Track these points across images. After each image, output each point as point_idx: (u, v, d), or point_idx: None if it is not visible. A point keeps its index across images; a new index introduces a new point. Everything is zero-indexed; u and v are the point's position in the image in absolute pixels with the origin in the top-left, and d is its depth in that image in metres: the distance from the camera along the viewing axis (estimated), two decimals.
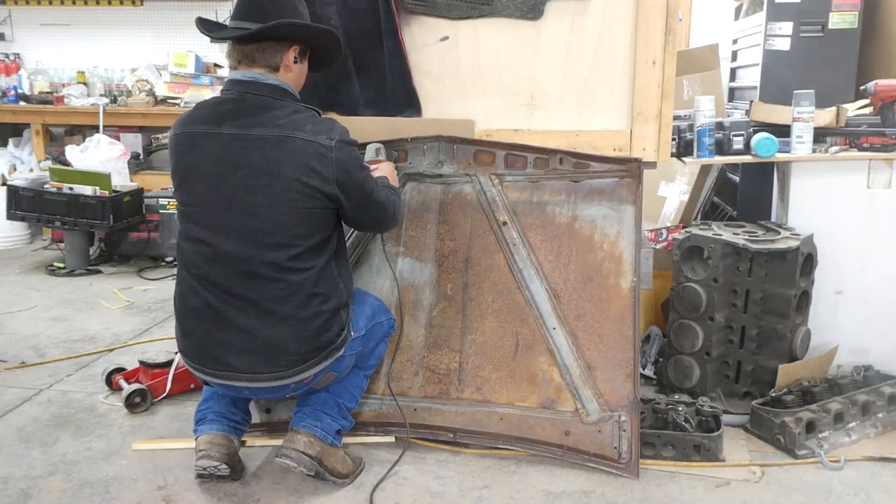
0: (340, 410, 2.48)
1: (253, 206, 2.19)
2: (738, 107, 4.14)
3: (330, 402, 2.45)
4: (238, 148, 2.19)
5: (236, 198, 2.20)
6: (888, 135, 3.07)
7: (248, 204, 2.19)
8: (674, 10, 2.70)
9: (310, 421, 2.41)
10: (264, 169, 2.18)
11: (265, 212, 2.19)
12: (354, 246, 2.83)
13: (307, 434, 2.38)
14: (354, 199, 2.29)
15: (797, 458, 2.62)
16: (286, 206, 2.19)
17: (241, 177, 2.19)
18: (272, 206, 2.19)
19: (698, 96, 3.08)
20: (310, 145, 2.19)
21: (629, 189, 2.69)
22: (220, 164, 2.21)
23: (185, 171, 2.28)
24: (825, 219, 3.07)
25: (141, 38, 6.69)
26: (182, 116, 2.34)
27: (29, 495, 2.41)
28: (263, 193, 2.18)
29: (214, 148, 2.22)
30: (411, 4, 2.80)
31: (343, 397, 2.49)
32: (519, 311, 2.71)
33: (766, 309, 2.90)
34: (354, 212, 2.32)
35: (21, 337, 3.83)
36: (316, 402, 2.45)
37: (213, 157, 2.22)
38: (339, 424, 2.47)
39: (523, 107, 2.86)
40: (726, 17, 5.05)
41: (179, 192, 2.30)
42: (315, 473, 2.39)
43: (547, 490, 2.45)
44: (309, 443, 2.37)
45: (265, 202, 2.19)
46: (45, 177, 5.16)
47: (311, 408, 2.44)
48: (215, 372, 2.29)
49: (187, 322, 2.31)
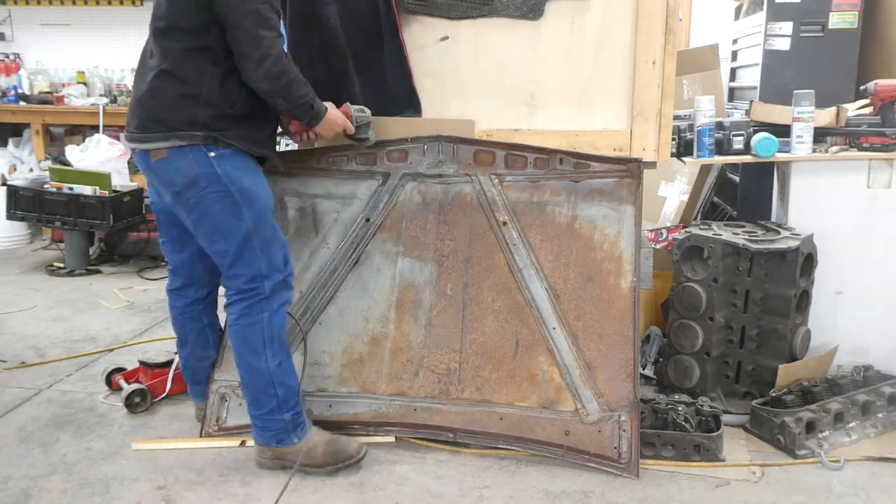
0: (262, 417, 2.49)
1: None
2: (738, 107, 4.14)
3: (252, 416, 2.52)
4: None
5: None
6: (888, 135, 3.07)
7: None
8: (674, 10, 2.70)
9: (254, 433, 2.55)
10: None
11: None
12: (354, 246, 2.83)
13: (257, 444, 2.56)
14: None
15: (797, 458, 2.62)
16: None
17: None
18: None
19: (698, 96, 3.08)
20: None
21: (629, 189, 2.69)
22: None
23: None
24: (825, 219, 3.07)
25: (141, 37, 6.60)
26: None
27: (29, 495, 2.41)
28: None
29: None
30: (411, 4, 2.80)
31: (250, 408, 2.51)
32: (519, 311, 2.71)
33: (766, 309, 2.90)
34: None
35: (21, 337, 3.83)
36: (250, 417, 2.54)
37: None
38: (272, 428, 2.48)
39: (523, 107, 2.86)
40: (726, 17, 5.05)
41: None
42: (282, 468, 2.52)
43: (547, 490, 2.45)
44: (261, 450, 2.55)
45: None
46: (45, 177, 5.16)
47: (252, 422, 2.54)
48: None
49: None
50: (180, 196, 2.38)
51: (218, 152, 2.34)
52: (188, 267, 2.69)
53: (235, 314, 2.46)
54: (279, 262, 2.47)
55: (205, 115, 2.31)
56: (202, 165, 2.33)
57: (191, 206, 2.38)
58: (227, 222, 2.38)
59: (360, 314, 2.81)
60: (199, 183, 2.34)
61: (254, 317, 2.44)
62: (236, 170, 2.38)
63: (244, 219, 2.38)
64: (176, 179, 2.35)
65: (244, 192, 2.38)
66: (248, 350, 2.45)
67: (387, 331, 2.79)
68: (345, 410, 2.75)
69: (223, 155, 2.35)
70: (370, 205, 2.84)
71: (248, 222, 2.39)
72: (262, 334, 2.44)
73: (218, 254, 2.45)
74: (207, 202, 2.36)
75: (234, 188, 2.36)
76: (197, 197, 2.36)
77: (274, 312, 2.46)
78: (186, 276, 2.71)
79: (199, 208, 2.38)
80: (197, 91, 2.30)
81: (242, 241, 2.40)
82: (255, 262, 2.42)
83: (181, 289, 2.74)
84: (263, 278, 2.43)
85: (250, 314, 2.44)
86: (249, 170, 2.43)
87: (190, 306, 2.75)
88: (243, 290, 2.44)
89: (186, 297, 2.74)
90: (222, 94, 2.33)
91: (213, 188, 2.35)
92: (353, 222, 2.84)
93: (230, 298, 2.48)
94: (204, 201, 2.36)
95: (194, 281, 2.72)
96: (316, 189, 2.86)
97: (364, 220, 2.84)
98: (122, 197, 4.95)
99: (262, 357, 2.45)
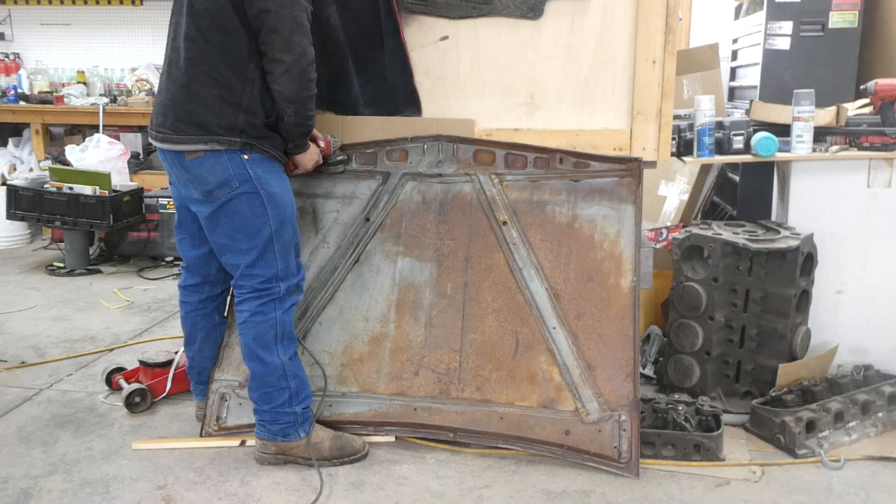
0: (272, 412, 2.53)
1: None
2: (738, 106, 4.15)
3: (259, 411, 2.57)
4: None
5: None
6: (888, 134, 3.07)
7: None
8: (674, 9, 2.70)
9: (258, 429, 2.60)
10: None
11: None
12: (354, 245, 2.83)
13: (260, 440, 2.60)
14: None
15: (797, 458, 2.62)
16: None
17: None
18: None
19: (698, 96, 3.08)
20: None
21: (629, 188, 2.69)
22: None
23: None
24: (825, 218, 3.07)
25: (141, 37, 6.70)
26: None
27: (29, 495, 2.41)
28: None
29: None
30: (411, 4, 2.80)
31: (258, 404, 2.56)
32: (519, 311, 2.71)
33: (766, 308, 2.90)
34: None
35: (21, 337, 3.83)
36: (256, 414, 2.60)
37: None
38: (282, 422, 2.53)
39: (523, 106, 2.86)
40: (726, 16, 5.05)
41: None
42: (285, 463, 2.58)
43: (547, 489, 2.45)
44: (264, 445, 2.59)
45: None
46: (45, 176, 5.16)
47: (257, 418, 2.60)
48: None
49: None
50: (211, 194, 2.42)
51: (251, 156, 2.40)
52: (204, 264, 2.70)
53: (249, 311, 2.49)
54: (294, 267, 2.53)
55: (244, 121, 2.37)
56: (236, 166, 2.38)
57: (219, 205, 2.42)
58: (252, 223, 2.43)
59: (360, 314, 2.81)
60: (231, 183, 2.39)
61: (267, 314, 2.49)
62: (267, 173, 2.44)
63: (269, 221, 2.44)
64: (209, 178, 2.40)
65: (272, 195, 2.44)
66: (261, 346, 2.49)
67: (387, 330, 2.79)
68: (345, 410, 2.75)
69: (256, 159, 2.41)
70: (370, 204, 2.84)
71: (272, 225, 2.44)
72: (274, 330, 2.49)
73: (238, 252, 2.47)
74: (236, 202, 2.41)
75: (263, 191, 2.42)
76: (227, 196, 2.41)
77: (286, 311, 2.52)
78: (202, 273, 2.73)
79: (228, 207, 2.42)
80: (239, 98, 2.36)
81: (264, 243, 2.45)
82: (274, 265, 2.47)
83: (196, 286, 2.75)
84: (280, 280, 2.49)
85: (264, 311, 2.49)
86: (278, 175, 2.49)
87: (203, 303, 2.77)
88: (258, 289, 2.48)
89: (201, 294, 2.76)
90: (261, 102, 2.38)
91: (244, 189, 2.40)
92: (353, 222, 2.84)
93: (242, 296, 2.51)
94: (233, 201, 2.41)
95: (210, 278, 2.73)
96: (316, 189, 2.86)
97: (364, 220, 2.84)
98: (122, 197, 4.95)
99: (273, 352, 2.50)
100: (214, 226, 2.47)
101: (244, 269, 2.48)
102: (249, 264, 2.46)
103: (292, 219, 2.53)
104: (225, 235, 2.47)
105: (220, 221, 2.45)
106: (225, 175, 2.38)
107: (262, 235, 2.44)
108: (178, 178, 2.50)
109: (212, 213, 2.45)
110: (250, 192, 2.40)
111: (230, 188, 2.39)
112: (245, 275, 2.48)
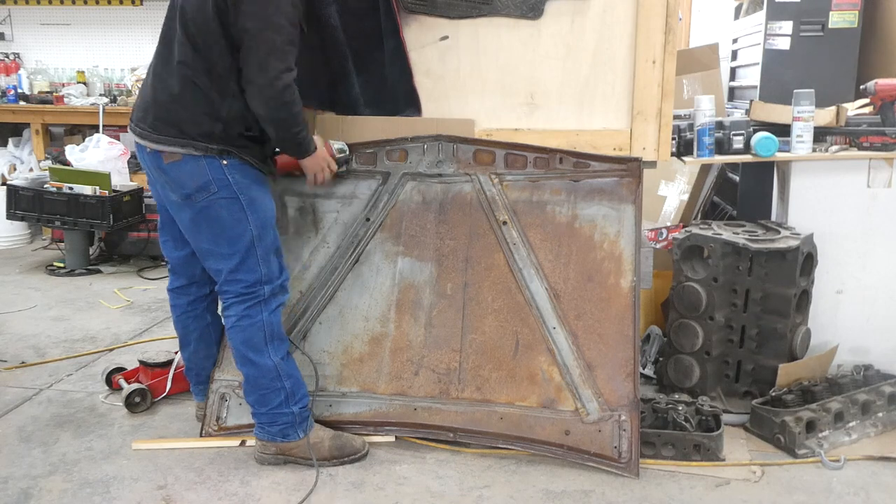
0: (269, 413, 2.54)
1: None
2: (738, 106, 4.14)
3: (257, 414, 2.58)
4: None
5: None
6: (888, 134, 3.07)
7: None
8: (674, 9, 2.70)
9: (257, 431, 2.61)
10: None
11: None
12: (354, 245, 2.83)
13: (259, 441, 2.61)
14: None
15: (797, 458, 2.62)
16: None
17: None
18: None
19: (698, 96, 3.08)
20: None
21: (629, 188, 2.69)
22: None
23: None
24: (825, 218, 3.07)
25: (141, 37, 6.70)
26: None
27: (29, 495, 2.41)
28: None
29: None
30: (411, 4, 2.80)
31: (255, 407, 2.56)
32: (519, 311, 2.71)
33: (766, 308, 2.90)
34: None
35: (21, 337, 3.83)
36: (254, 416, 2.61)
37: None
38: (280, 423, 2.54)
39: (523, 106, 2.86)
40: (726, 16, 5.05)
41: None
42: (285, 463, 2.59)
43: (547, 489, 2.45)
44: (264, 446, 2.60)
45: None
46: (45, 176, 5.16)
47: (255, 420, 2.60)
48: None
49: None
50: (190, 198, 2.41)
51: (230, 161, 2.40)
52: (189, 265, 2.70)
53: (236, 315, 2.49)
54: (276, 270, 2.54)
55: (221, 130, 2.37)
56: (215, 171, 2.38)
57: (199, 209, 2.42)
58: (233, 228, 2.43)
59: (359, 313, 2.81)
60: (209, 188, 2.39)
61: (254, 317, 2.48)
62: (245, 179, 2.43)
63: (249, 226, 2.44)
64: (188, 182, 2.39)
65: (251, 200, 2.44)
66: (251, 349, 2.49)
67: (387, 330, 2.79)
68: (345, 410, 2.75)
69: (234, 164, 2.41)
70: (370, 204, 2.84)
71: (253, 230, 2.44)
72: (263, 332, 2.49)
73: (220, 257, 2.47)
74: (216, 206, 2.41)
75: (242, 196, 2.42)
76: (206, 201, 2.40)
77: (272, 312, 2.52)
78: (187, 274, 2.73)
79: (207, 212, 2.42)
80: (218, 110, 2.36)
81: (246, 247, 2.45)
82: (257, 269, 2.47)
83: (183, 287, 2.75)
84: (263, 284, 2.49)
85: (250, 315, 2.48)
86: (257, 180, 2.49)
87: (192, 304, 2.76)
88: (242, 294, 2.48)
89: (189, 295, 2.76)
90: (241, 116, 2.38)
91: (223, 193, 2.40)
92: (353, 222, 2.84)
93: (228, 301, 2.51)
94: (213, 205, 2.41)
95: (196, 279, 2.73)
96: (316, 188, 2.85)
97: (364, 220, 2.84)
98: (122, 196, 4.95)
99: (265, 353, 2.50)
100: (196, 231, 2.48)
101: (227, 274, 2.47)
102: (232, 269, 2.46)
103: (273, 223, 2.53)
104: (207, 241, 2.47)
105: (201, 227, 2.45)
106: (204, 179, 2.38)
107: (243, 240, 2.44)
108: (157, 180, 2.50)
109: (192, 218, 2.45)
110: (229, 198, 2.41)
111: (209, 192, 2.39)
112: (229, 280, 2.48)
